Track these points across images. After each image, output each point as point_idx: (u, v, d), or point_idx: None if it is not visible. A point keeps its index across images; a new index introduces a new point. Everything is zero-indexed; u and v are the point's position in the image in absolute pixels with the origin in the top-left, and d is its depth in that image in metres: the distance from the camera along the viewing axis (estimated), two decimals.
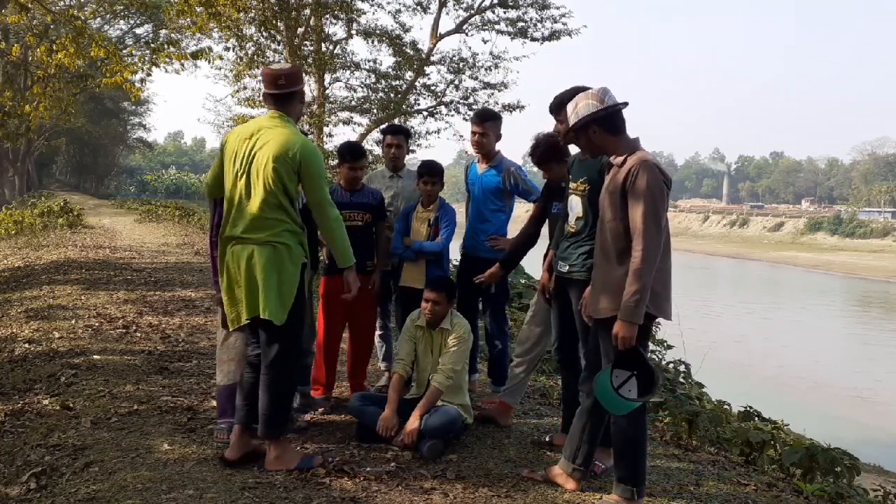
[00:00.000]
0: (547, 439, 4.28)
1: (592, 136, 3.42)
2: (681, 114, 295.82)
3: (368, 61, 20.91)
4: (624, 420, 3.34)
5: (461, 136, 22.04)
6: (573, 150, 4.06)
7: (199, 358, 5.80)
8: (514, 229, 5.04)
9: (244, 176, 3.49)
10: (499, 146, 5.03)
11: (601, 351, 3.43)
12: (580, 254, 3.76)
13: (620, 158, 3.36)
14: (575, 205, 3.85)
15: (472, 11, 21.30)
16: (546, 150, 4.23)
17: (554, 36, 21.05)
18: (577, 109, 3.43)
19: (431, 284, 4.39)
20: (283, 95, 3.55)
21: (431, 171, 4.86)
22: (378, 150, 17.84)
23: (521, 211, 5.11)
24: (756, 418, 5.87)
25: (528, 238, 4.59)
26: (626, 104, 3.43)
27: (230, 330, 3.75)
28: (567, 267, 3.83)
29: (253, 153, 3.47)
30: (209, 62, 14.25)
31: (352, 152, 4.80)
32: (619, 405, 3.30)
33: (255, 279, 3.48)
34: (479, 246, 4.95)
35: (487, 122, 4.93)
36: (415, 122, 21.59)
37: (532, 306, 4.58)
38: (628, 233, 3.28)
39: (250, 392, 3.65)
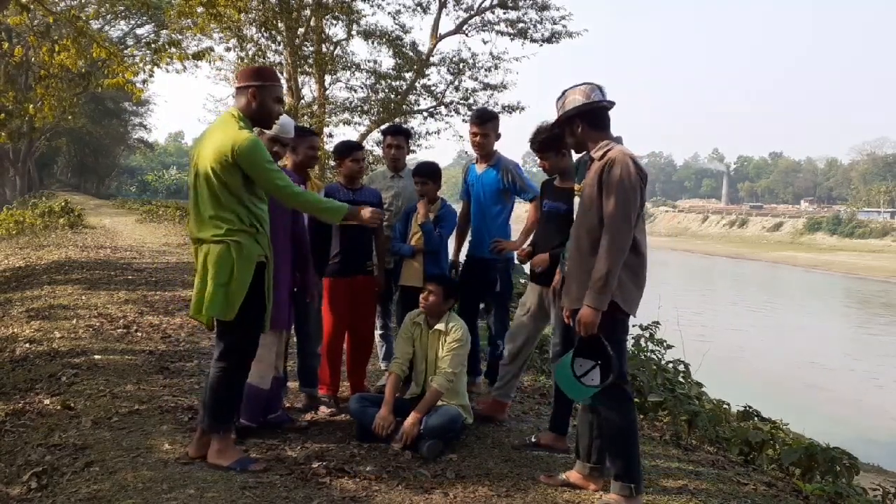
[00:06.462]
0: (533, 439, 4.26)
1: (576, 130, 3.50)
2: (681, 114, 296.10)
3: (369, 62, 20.95)
4: (613, 413, 3.39)
5: (461, 137, 22.05)
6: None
7: (200, 358, 5.80)
8: (515, 229, 5.05)
9: (194, 178, 3.59)
10: (497, 146, 5.04)
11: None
12: None
13: (599, 153, 3.43)
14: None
15: (472, 12, 21.30)
16: (547, 139, 4.23)
17: (554, 38, 21.06)
18: (565, 104, 3.52)
19: (430, 278, 4.44)
20: (237, 90, 3.70)
21: (421, 172, 4.89)
22: (378, 151, 17.86)
23: (521, 210, 5.11)
24: (755, 418, 5.88)
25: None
26: (612, 104, 3.50)
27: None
28: None
29: (199, 155, 3.57)
30: (210, 63, 14.27)
31: (350, 147, 4.94)
32: (577, 391, 3.40)
33: (205, 278, 3.55)
34: (484, 247, 4.90)
35: (488, 123, 4.91)
36: (415, 123, 21.63)
37: (525, 302, 4.54)
38: (602, 224, 3.33)
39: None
